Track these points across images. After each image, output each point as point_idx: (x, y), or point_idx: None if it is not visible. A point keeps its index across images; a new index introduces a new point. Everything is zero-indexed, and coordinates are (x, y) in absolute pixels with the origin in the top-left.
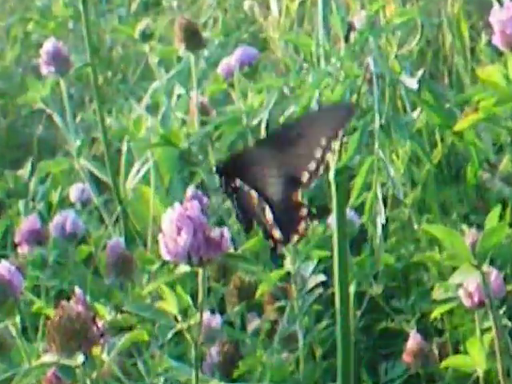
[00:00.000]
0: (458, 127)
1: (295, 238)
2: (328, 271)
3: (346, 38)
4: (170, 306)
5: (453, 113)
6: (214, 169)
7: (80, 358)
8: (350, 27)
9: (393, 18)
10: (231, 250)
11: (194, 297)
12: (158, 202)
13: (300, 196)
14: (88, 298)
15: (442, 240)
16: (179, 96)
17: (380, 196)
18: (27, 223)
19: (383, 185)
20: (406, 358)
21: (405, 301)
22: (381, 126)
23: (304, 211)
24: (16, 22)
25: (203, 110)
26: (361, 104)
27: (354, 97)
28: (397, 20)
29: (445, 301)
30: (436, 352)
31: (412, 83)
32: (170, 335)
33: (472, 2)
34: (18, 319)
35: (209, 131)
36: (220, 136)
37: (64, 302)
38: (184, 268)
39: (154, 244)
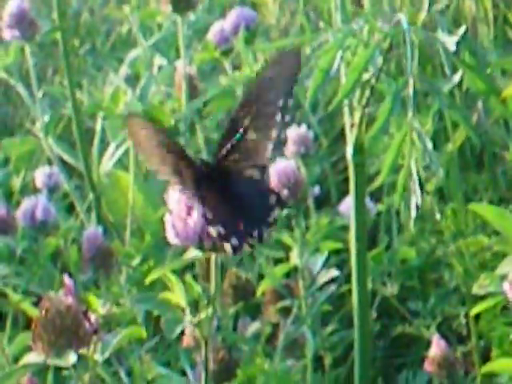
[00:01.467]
0: (506, 93)
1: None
2: (340, 266)
3: None
4: (178, 297)
5: (494, 79)
6: None
7: (71, 358)
8: None
9: None
10: None
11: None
12: (136, 189)
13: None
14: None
15: (491, 223)
16: (160, 67)
17: (415, 173)
18: None
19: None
20: (429, 367)
21: (423, 303)
22: (414, 92)
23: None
24: None
25: (191, 83)
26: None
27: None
28: None
29: (476, 300)
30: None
31: (450, 43)
32: (178, 331)
33: None
34: None
35: (198, 106)
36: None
37: (51, 294)
38: (194, 253)
39: (132, 236)
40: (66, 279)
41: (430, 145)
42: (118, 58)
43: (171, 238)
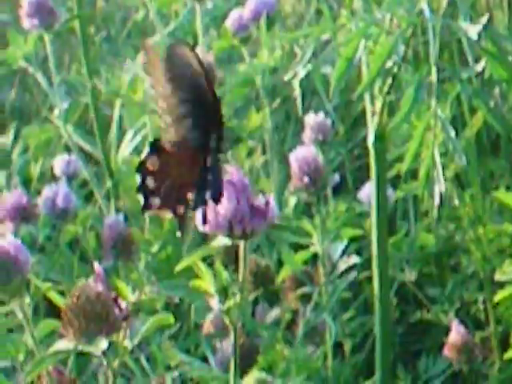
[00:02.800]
0: None
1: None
2: (358, 252)
3: None
4: (207, 284)
5: None
6: None
7: (102, 345)
8: None
9: None
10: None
11: None
12: None
13: None
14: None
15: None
16: None
17: (438, 160)
18: (12, 198)
19: None
20: (448, 352)
21: (440, 289)
22: (438, 80)
23: None
24: None
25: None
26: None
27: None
28: None
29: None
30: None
31: (473, 32)
32: (208, 318)
33: None
34: (27, 301)
35: None
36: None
37: (82, 281)
38: (223, 241)
39: (150, 223)
40: (96, 266)
41: (453, 133)
42: (134, 45)
43: (201, 225)
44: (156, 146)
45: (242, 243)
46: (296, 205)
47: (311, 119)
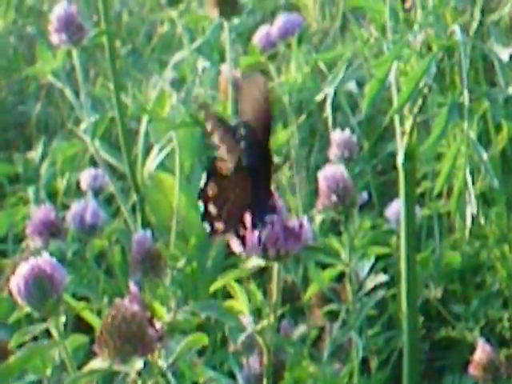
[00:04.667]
0: None
1: None
2: (384, 270)
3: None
4: (241, 305)
5: None
6: None
7: (137, 364)
8: None
9: None
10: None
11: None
12: (179, 191)
13: None
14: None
15: None
16: (204, 70)
17: (470, 183)
18: (40, 213)
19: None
20: (474, 370)
21: (465, 306)
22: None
23: None
24: None
25: (236, 86)
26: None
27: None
28: None
29: None
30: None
31: (504, 54)
32: (242, 338)
33: None
34: (62, 319)
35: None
36: None
37: (118, 301)
38: (257, 262)
39: (177, 238)
40: (132, 286)
41: (485, 156)
42: (160, 59)
43: (236, 246)
44: (212, 172)
45: (275, 265)
46: (322, 221)
47: (337, 136)
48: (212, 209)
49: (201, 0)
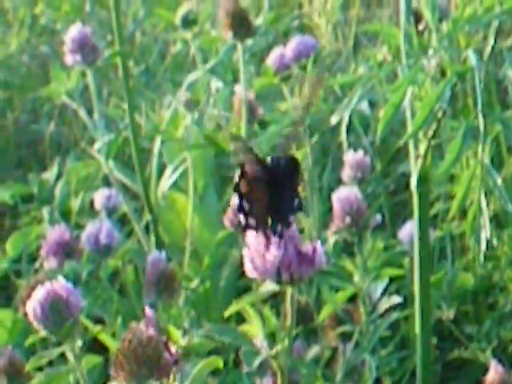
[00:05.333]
0: None
1: None
2: (397, 291)
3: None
4: (255, 329)
5: None
6: None
7: None
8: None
9: (491, 6)
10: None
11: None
12: (192, 211)
13: None
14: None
15: None
16: (218, 91)
17: (485, 207)
18: (55, 233)
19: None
20: None
21: (477, 327)
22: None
23: None
24: (23, 3)
25: (250, 107)
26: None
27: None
28: (497, 8)
29: None
30: None
31: None
32: (256, 363)
33: None
34: (78, 343)
35: (256, 131)
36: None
37: (134, 324)
38: (271, 286)
39: (191, 258)
40: (147, 310)
41: (499, 181)
42: (173, 79)
43: (250, 271)
44: (242, 172)
45: (289, 289)
46: (336, 242)
47: (350, 157)
48: (245, 204)
49: (214, 21)
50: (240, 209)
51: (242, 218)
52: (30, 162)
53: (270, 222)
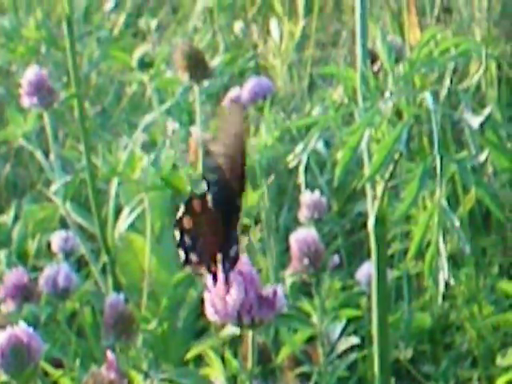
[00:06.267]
0: None
1: None
2: (357, 332)
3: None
4: (216, 371)
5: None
6: None
7: None
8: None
9: (447, 48)
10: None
11: None
12: (149, 252)
13: None
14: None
15: None
16: (174, 132)
17: (443, 248)
18: (13, 277)
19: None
20: None
21: (435, 366)
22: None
23: None
24: None
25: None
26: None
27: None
28: (453, 50)
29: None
30: None
31: (474, 122)
32: None
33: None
34: None
35: None
36: None
37: (94, 368)
38: (232, 330)
39: (148, 299)
40: (108, 354)
41: (457, 223)
42: (129, 120)
43: (211, 315)
44: (188, 207)
45: (250, 333)
46: (293, 283)
47: (307, 198)
48: (187, 239)
49: (170, 62)
50: (180, 245)
51: (181, 254)
52: None
53: (218, 258)
